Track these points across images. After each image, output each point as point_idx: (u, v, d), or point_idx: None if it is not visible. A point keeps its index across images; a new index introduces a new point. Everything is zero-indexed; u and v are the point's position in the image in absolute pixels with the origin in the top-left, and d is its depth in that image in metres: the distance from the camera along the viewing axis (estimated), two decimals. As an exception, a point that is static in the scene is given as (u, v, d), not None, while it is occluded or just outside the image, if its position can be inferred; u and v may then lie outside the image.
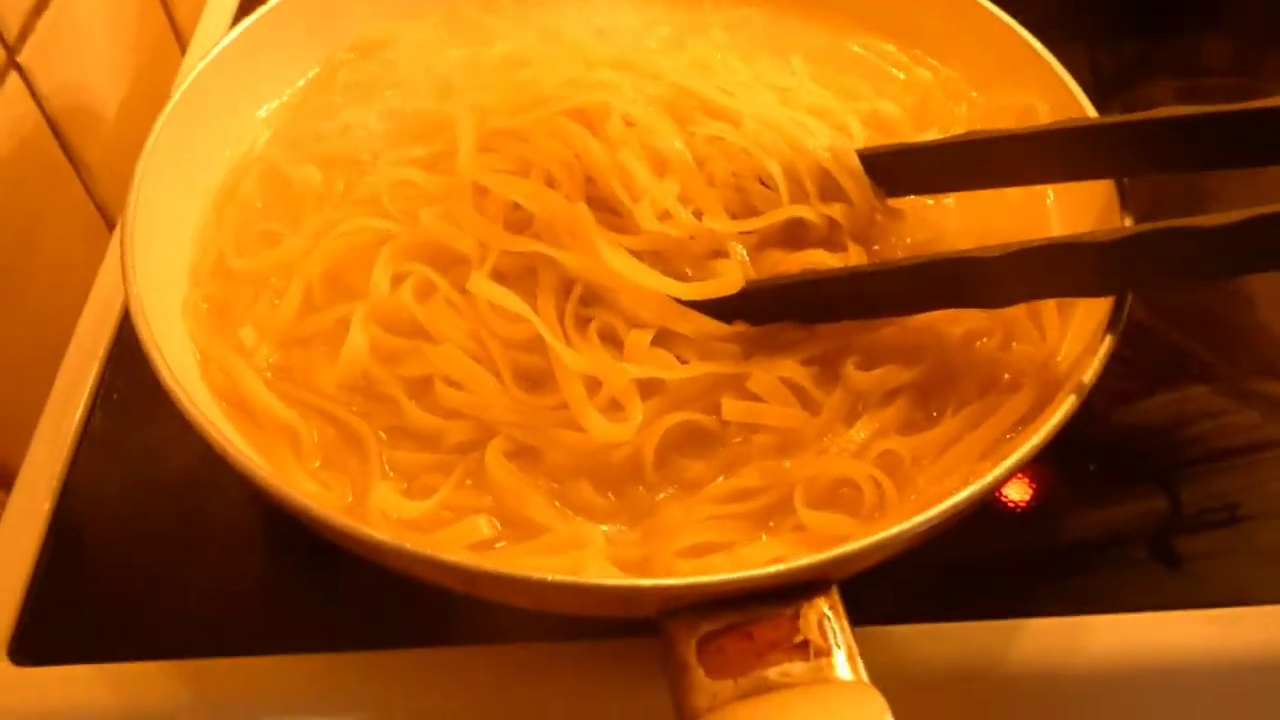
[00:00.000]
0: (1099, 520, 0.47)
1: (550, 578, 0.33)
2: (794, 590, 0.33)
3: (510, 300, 0.40)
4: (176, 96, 0.49)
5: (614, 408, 0.40)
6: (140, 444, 0.50)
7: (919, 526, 0.34)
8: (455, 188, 0.44)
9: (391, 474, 0.40)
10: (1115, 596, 0.45)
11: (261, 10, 0.53)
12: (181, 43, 0.73)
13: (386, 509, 0.39)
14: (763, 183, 0.44)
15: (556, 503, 0.39)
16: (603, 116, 0.43)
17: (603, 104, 0.44)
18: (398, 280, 0.43)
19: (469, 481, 0.39)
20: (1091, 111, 0.47)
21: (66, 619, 0.45)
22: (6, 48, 0.53)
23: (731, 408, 0.39)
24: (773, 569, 0.33)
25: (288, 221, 0.48)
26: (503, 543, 0.38)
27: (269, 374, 0.43)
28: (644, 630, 0.35)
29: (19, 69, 0.54)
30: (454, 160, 0.45)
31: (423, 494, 0.39)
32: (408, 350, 0.42)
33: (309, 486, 0.40)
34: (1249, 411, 0.51)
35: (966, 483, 0.36)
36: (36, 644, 0.44)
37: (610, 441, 0.38)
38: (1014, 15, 0.53)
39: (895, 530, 0.34)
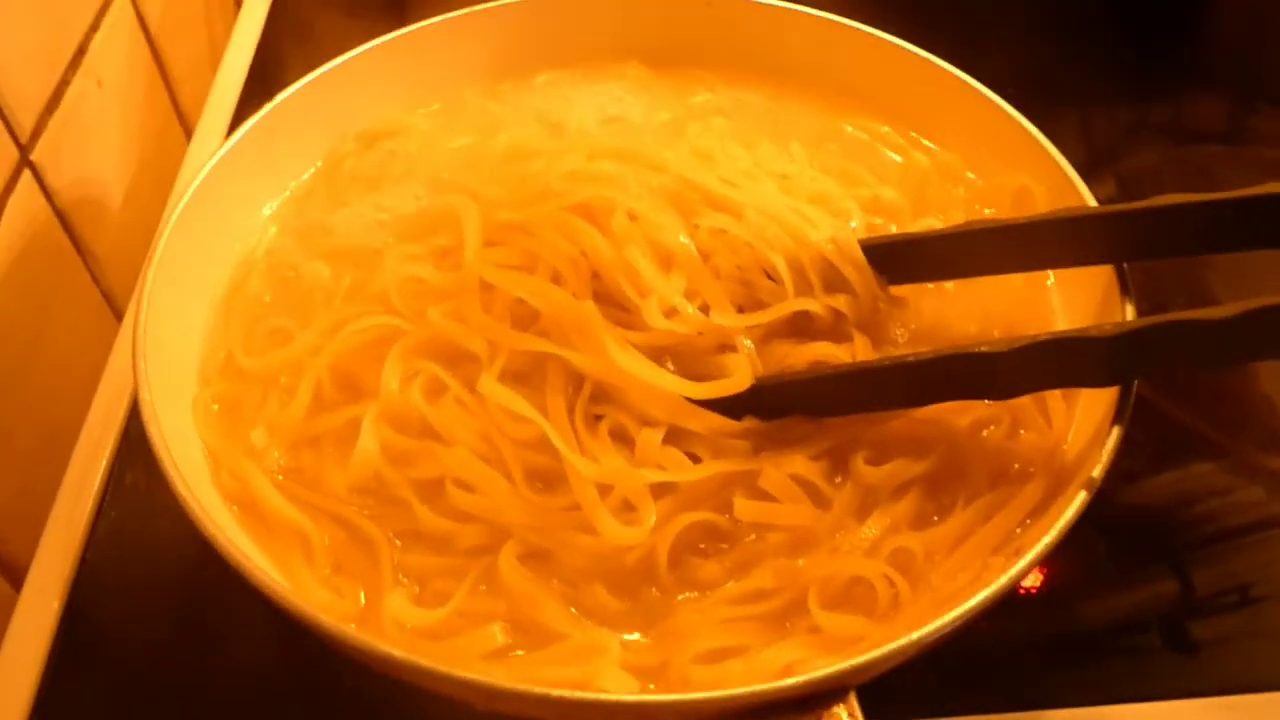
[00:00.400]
0: (1111, 605, 0.47)
1: (566, 694, 0.33)
2: (812, 700, 0.33)
3: (519, 405, 0.40)
4: (186, 197, 0.49)
5: (626, 508, 0.40)
6: (150, 541, 0.50)
7: (936, 632, 0.34)
8: (462, 284, 0.45)
9: (404, 580, 0.40)
10: (1131, 685, 0.45)
11: (267, 107, 0.54)
12: (186, 126, 0.74)
13: (400, 618, 0.38)
14: (768, 275, 0.44)
15: (571, 608, 0.39)
16: (608, 212, 0.44)
17: (607, 199, 0.44)
18: (408, 379, 0.43)
19: (483, 587, 0.39)
20: (1085, 192, 0.48)
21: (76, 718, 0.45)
22: (20, 147, 0.54)
23: (744, 507, 0.40)
24: (790, 681, 0.33)
25: (297, 318, 0.49)
26: (519, 651, 0.38)
27: (280, 476, 0.43)
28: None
29: (31, 167, 0.54)
30: (460, 255, 0.46)
31: (436, 600, 0.39)
32: (419, 451, 0.42)
33: (320, 594, 0.40)
34: (1255, 488, 0.52)
35: (980, 578, 0.37)
36: (47, 746, 0.44)
37: (624, 544, 0.39)
38: (1005, 80, 0.54)
39: (914, 636, 0.34)
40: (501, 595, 0.39)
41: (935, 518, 0.41)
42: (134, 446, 0.53)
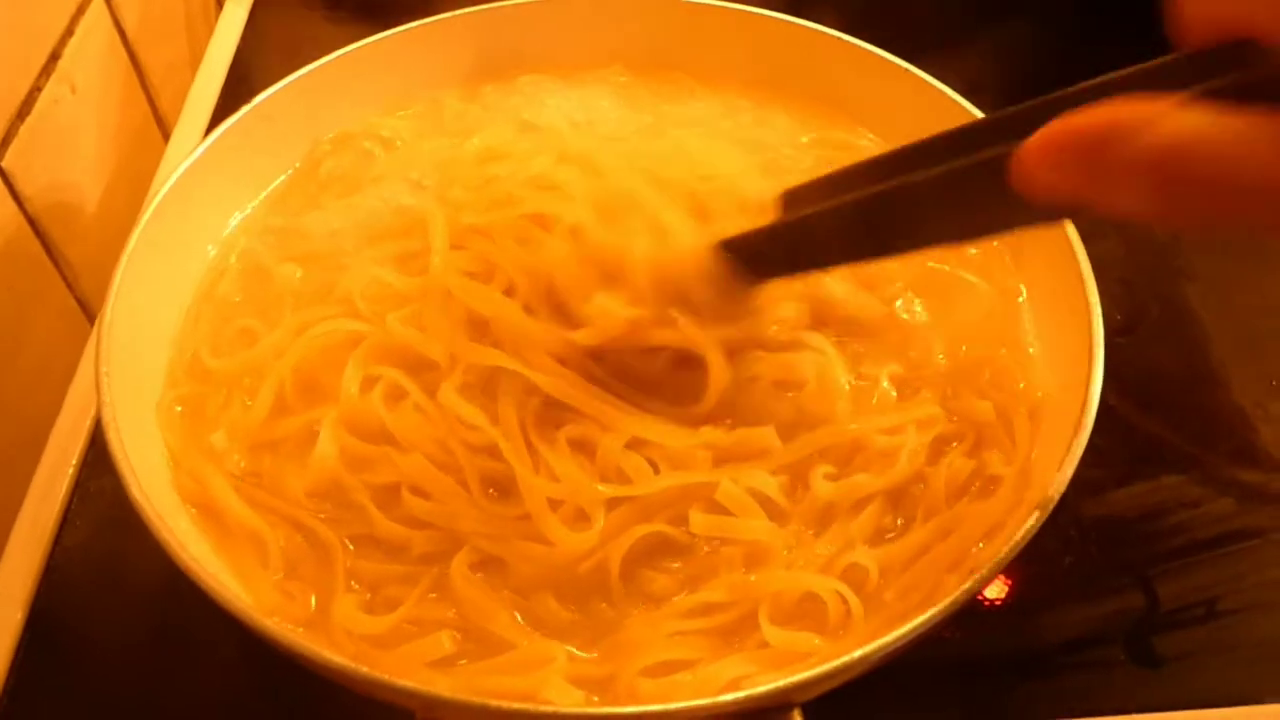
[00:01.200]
0: (1076, 618, 0.47)
1: (506, 705, 0.32)
2: (756, 715, 0.33)
3: (472, 414, 0.40)
4: (156, 200, 0.49)
5: (580, 517, 0.39)
6: (116, 550, 0.50)
7: (881, 650, 0.34)
8: (427, 290, 0.44)
9: (355, 585, 0.40)
10: (1095, 698, 0.44)
11: (244, 109, 0.54)
12: (164, 130, 0.74)
13: (349, 624, 0.38)
14: None
15: (519, 617, 0.39)
16: (556, 221, 0.44)
17: (556, 211, 0.44)
18: (368, 384, 0.43)
19: (433, 595, 0.39)
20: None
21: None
22: (-12, 154, 0.54)
23: (700, 521, 0.39)
24: (732, 696, 0.33)
25: (266, 319, 0.49)
26: (464, 660, 0.38)
27: (240, 479, 0.43)
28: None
29: (2, 174, 0.54)
30: (426, 259, 0.46)
31: (386, 607, 0.39)
32: (377, 457, 0.42)
33: (272, 597, 0.40)
34: (1225, 500, 0.51)
35: (931, 599, 0.36)
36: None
37: (574, 551, 0.38)
38: (983, 85, 0.54)
39: (857, 654, 0.33)
40: (452, 603, 0.39)
41: (891, 535, 0.41)
42: (101, 454, 0.52)
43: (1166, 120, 0.24)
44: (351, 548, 0.41)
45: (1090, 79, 0.31)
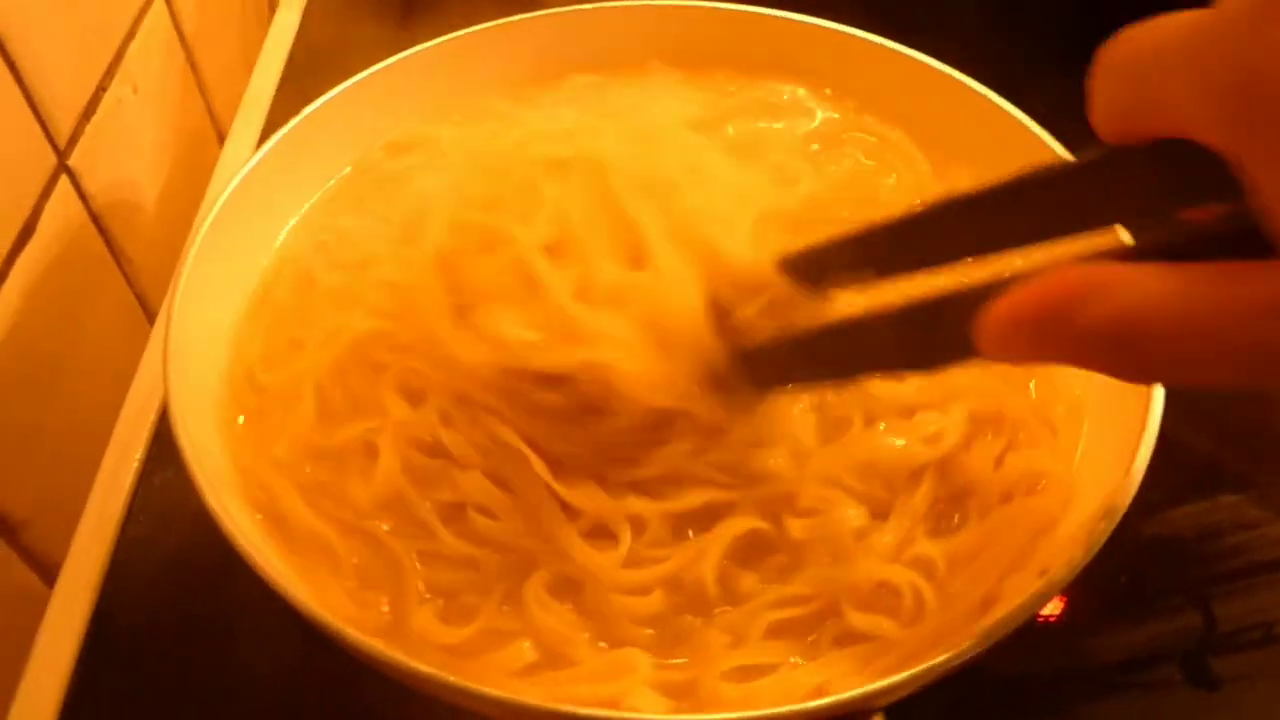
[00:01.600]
0: (1132, 638, 0.47)
1: (594, 713, 0.33)
2: (838, 720, 0.33)
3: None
4: (215, 209, 0.49)
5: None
6: (177, 542, 0.51)
7: (967, 653, 0.34)
8: (416, 283, 0.43)
9: (428, 595, 0.40)
10: (1150, 719, 0.44)
11: (297, 118, 0.54)
12: (219, 131, 0.75)
13: (427, 634, 0.39)
14: None
15: (600, 643, 0.39)
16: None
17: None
18: (414, 397, 0.43)
19: (506, 607, 0.40)
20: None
21: (106, 717, 0.46)
22: (57, 152, 0.54)
23: (798, 526, 0.40)
24: (815, 704, 0.33)
25: (310, 329, 0.49)
26: (546, 669, 0.38)
27: (307, 489, 0.44)
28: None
29: (68, 171, 0.55)
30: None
31: (463, 617, 0.39)
32: (438, 473, 0.42)
33: (347, 607, 0.40)
34: (1283, 522, 0.51)
35: (996, 596, 0.37)
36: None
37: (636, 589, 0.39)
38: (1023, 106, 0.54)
39: (943, 658, 0.34)
40: (526, 621, 0.39)
41: (950, 529, 0.41)
42: (164, 449, 0.53)
43: (1116, 291, 0.23)
44: (419, 564, 0.41)
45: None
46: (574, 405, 0.39)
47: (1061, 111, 0.53)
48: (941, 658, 0.34)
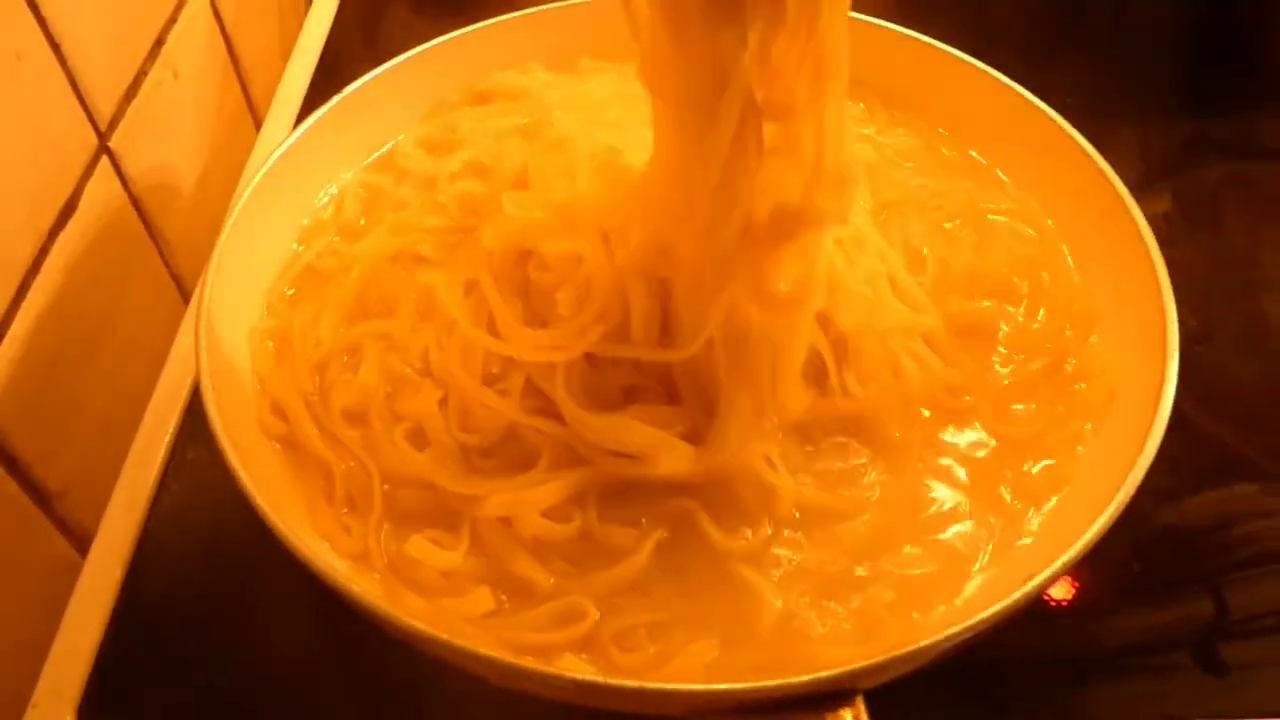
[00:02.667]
0: (1144, 623, 0.47)
1: (583, 678, 0.34)
2: (820, 699, 0.34)
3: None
4: (255, 179, 0.52)
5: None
6: (207, 515, 0.52)
7: (949, 640, 0.34)
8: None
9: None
10: (1159, 703, 0.45)
11: (334, 99, 0.56)
12: (255, 115, 0.77)
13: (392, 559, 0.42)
14: None
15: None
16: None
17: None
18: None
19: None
20: (1136, 213, 0.48)
21: (133, 684, 0.47)
22: (99, 133, 0.56)
23: None
24: (798, 679, 0.34)
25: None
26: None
27: (309, 397, 0.47)
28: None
29: (109, 153, 0.57)
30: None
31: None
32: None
33: (334, 532, 0.43)
34: (1299, 512, 0.51)
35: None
36: (105, 708, 0.46)
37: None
38: (1062, 98, 0.54)
39: (924, 643, 0.34)
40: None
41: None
42: (197, 424, 0.55)
43: None
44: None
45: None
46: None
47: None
48: (924, 642, 0.35)
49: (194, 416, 0.55)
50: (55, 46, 0.52)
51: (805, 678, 0.34)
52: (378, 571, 0.43)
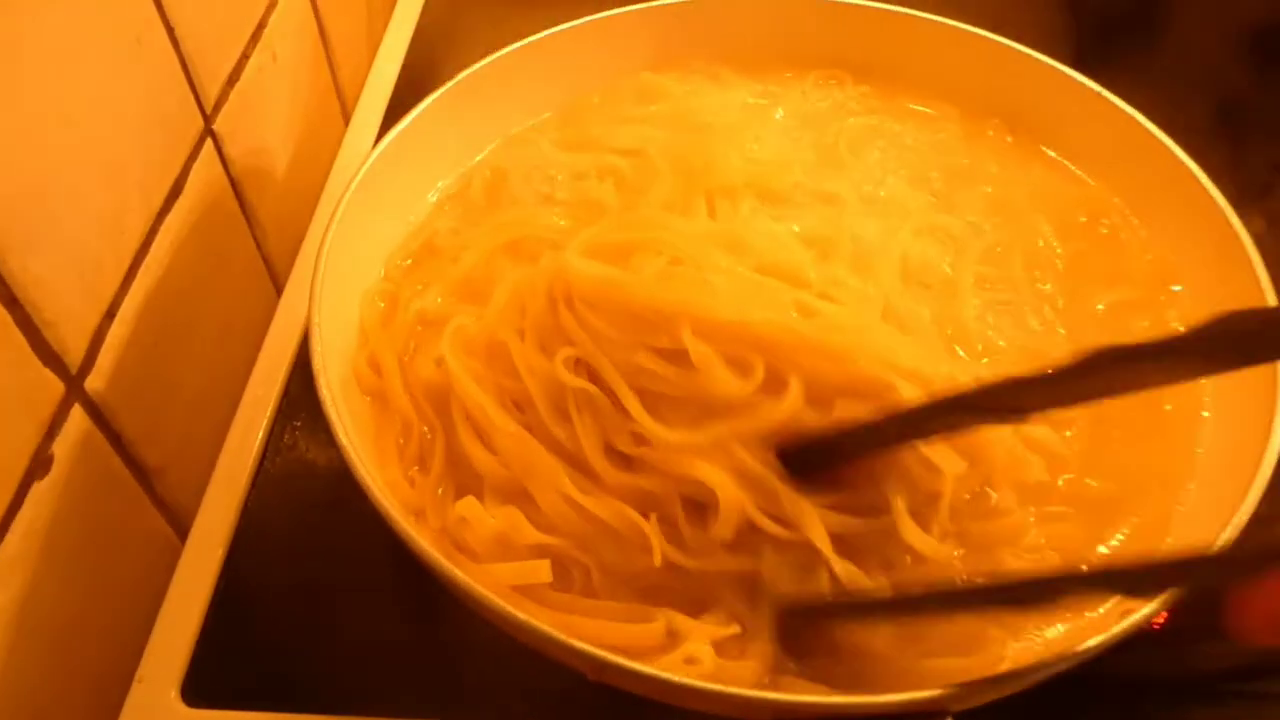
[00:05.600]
0: (1237, 648, 0.47)
1: (675, 679, 0.35)
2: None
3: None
4: (367, 164, 0.53)
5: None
6: (305, 497, 0.53)
7: (1040, 669, 0.35)
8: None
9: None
10: (1255, 730, 0.45)
11: (440, 91, 0.57)
12: (343, 101, 0.77)
13: (450, 523, 0.43)
14: None
15: None
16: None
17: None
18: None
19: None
20: (1241, 232, 0.48)
21: (235, 664, 0.48)
22: (204, 115, 0.57)
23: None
24: (885, 698, 0.34)
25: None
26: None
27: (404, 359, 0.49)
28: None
29: (213, 135, 0.57)
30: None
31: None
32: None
33: (398, 483, 0.45)
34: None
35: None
36: (207, 686, 0.47)
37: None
38: (1151, 118, 0.55)
39: (1015, 669, 0.35)
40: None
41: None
42: (293, 407, 0.56)
43: None
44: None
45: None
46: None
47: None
48: (1014, 669, 0.35)
49: (291, 400, 0.56)
50: (170, 29, 0.53)
51: (898, 697, 0.34)
52: (431, 530, 0.44)
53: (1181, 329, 0.34)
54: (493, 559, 0.42)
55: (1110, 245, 0.55)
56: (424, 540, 0.38)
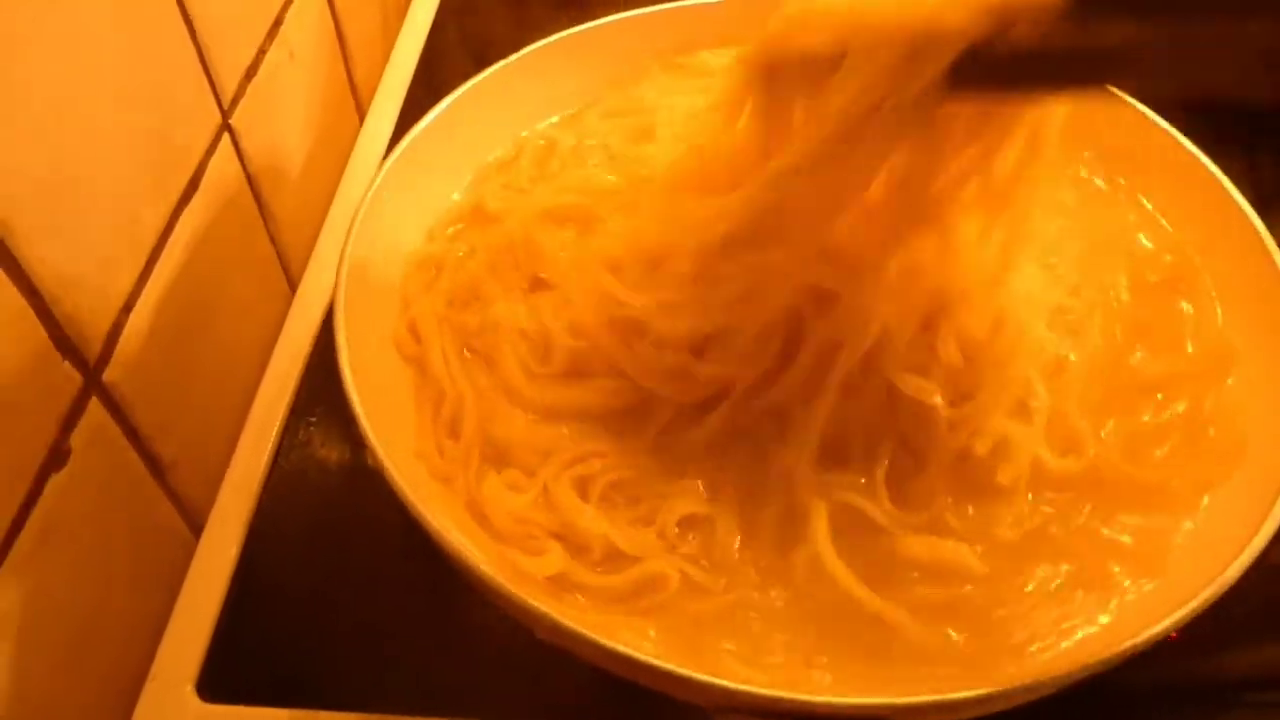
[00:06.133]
0: (1260, 658, 0.47)
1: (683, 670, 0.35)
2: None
3: None
4: (410, 138, 0.54)
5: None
6: (320, 495, 0.53)
7: (1066, 677, 0.35)
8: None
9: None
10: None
11: (461, 89, 0.57)
12: (357, 98, 0.77)
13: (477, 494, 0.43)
14: None
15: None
16: None
17: None
18: None
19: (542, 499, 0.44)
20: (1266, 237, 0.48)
21: (250, 660, 0.48)
22: (222, 110, 0.56)
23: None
24: (824, 699, 0.34)
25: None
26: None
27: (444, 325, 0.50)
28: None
29: (230, 130, 0.57)
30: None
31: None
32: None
33: (429, 452, 0.45)
34: None
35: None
36: (223, 682, 0.46)
37: None
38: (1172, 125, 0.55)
39: (1009, 686, 0.35)
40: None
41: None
42: (309, 402, 0.55)
43: None
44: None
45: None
46: None
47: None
48: (1009, 685, 0.35)
49: (306, 395, 0.56)
50: (189, 22, 0.53)
51: (832, 700, 0.35)
52: (459, 498, 0.44)
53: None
54: (513, 538, 0.42)
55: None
56: (435, 517, 0.39)
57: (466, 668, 0.47)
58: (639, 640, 0.40)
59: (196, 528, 0.53)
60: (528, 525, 0.43)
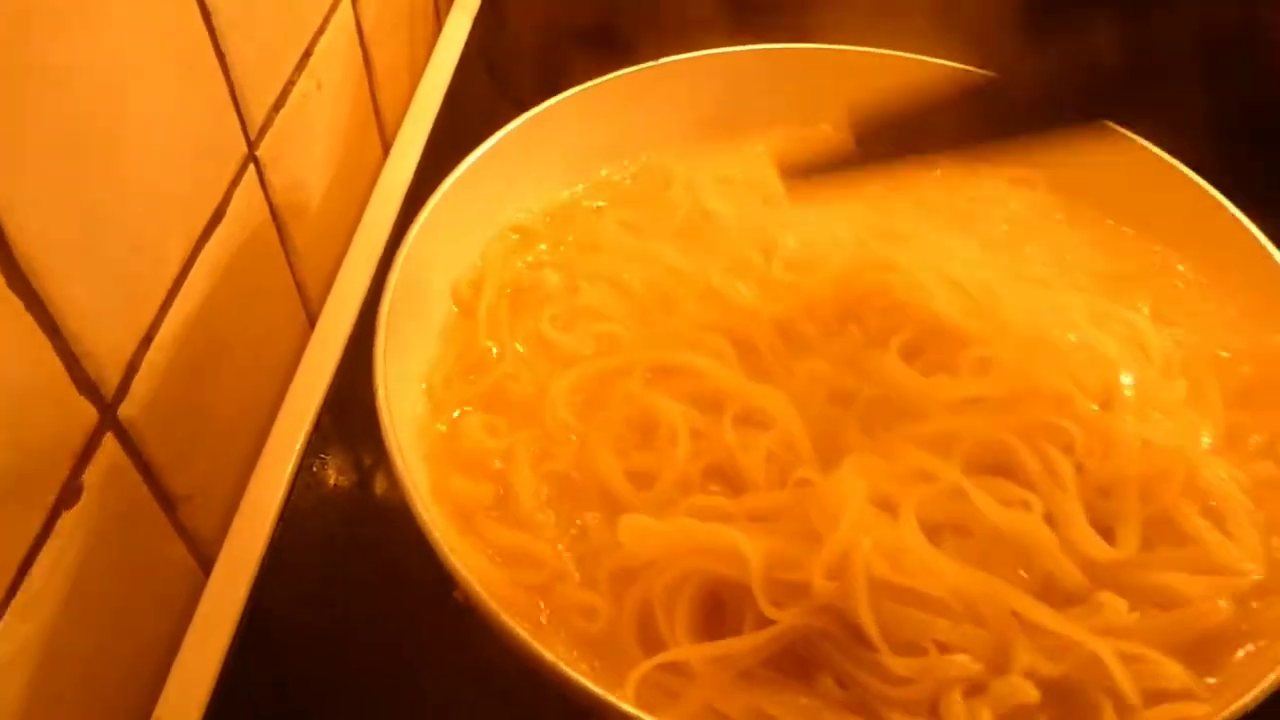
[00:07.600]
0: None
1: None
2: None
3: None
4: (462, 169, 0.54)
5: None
6: (335, 531, 0.52)
7: None
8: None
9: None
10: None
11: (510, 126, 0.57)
12: (382, 130, 0.77)
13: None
14: None
15: None
16: None
17: None
18: None
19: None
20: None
21: (258, 700, 0.47)
22: (248, 141, 0.56)
23: None
24: None
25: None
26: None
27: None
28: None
29: (255, 162, 0.57)
30: None
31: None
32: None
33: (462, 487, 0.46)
34: None
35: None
36: (228, 724, 0.45)
37: None
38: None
39: None
40: None
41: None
42: (324, 439, 0.55)
43: None
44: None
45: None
46: None
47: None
48: None
49: (321, 433, 0.55)
50: (221, 55, 0.52)
51: None
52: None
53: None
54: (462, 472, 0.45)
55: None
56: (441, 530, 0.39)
57: (480, 711, 0.47)
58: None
59: (207, 564, 0.52)
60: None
